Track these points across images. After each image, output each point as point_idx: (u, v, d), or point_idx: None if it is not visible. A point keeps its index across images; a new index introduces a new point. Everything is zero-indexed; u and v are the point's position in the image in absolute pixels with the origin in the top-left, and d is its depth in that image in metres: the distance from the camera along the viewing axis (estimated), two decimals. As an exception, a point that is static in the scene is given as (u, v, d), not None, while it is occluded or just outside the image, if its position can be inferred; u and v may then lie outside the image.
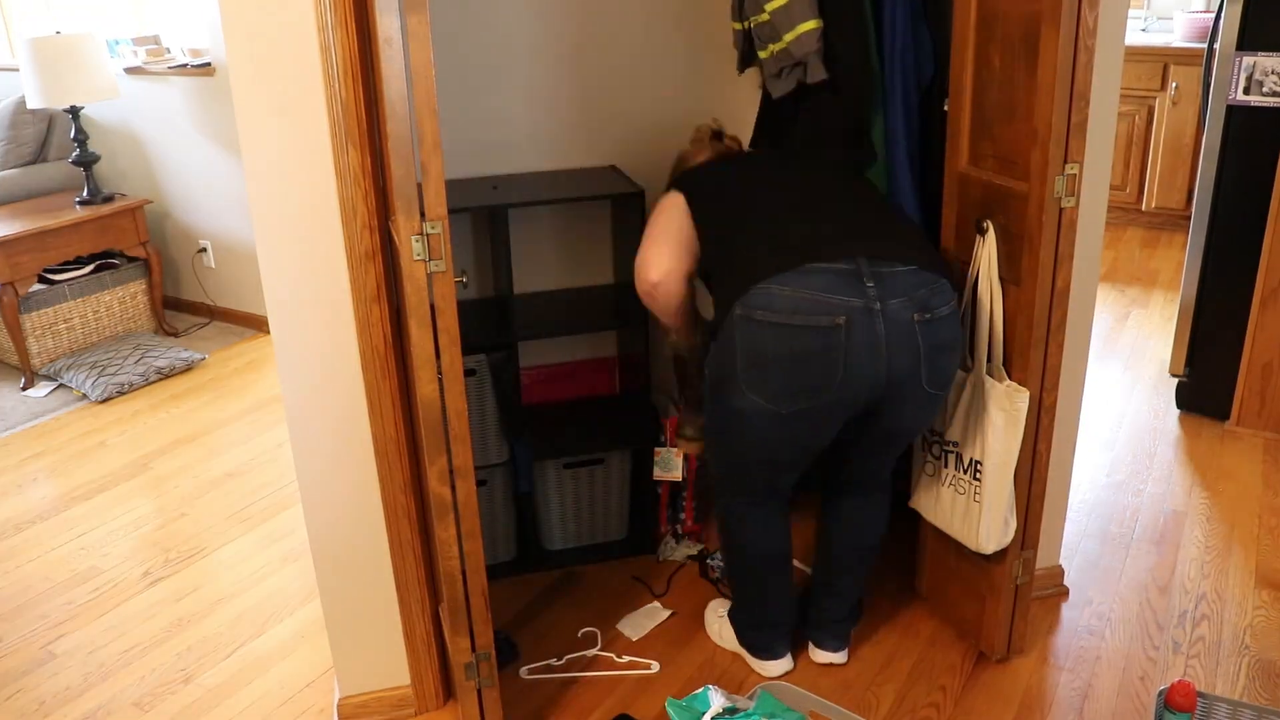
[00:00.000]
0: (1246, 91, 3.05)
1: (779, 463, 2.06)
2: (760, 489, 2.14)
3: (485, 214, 2.58)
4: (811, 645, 2.33)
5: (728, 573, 2.33)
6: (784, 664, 2.29)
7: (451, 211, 1.68)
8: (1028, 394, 2.02)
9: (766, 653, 2.29)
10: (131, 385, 4.04)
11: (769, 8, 2.35)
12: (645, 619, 2.48)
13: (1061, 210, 1.92)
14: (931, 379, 1.92)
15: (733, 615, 2.36)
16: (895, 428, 2.02)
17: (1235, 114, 3.09)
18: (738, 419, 1.98)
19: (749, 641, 2.32)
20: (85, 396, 3.99)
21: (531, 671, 2.33)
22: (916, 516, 2.37)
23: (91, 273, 4.38)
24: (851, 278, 1.84)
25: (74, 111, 4.29)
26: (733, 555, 2.25)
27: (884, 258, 1.87)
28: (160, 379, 4.14)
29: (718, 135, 2.39)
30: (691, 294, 2.21)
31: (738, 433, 2.02)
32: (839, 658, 2.31)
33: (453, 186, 2.43)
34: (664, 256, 2.12)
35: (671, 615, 2.50)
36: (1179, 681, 1.89)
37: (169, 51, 4.58)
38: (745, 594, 2.28)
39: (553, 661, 2.36)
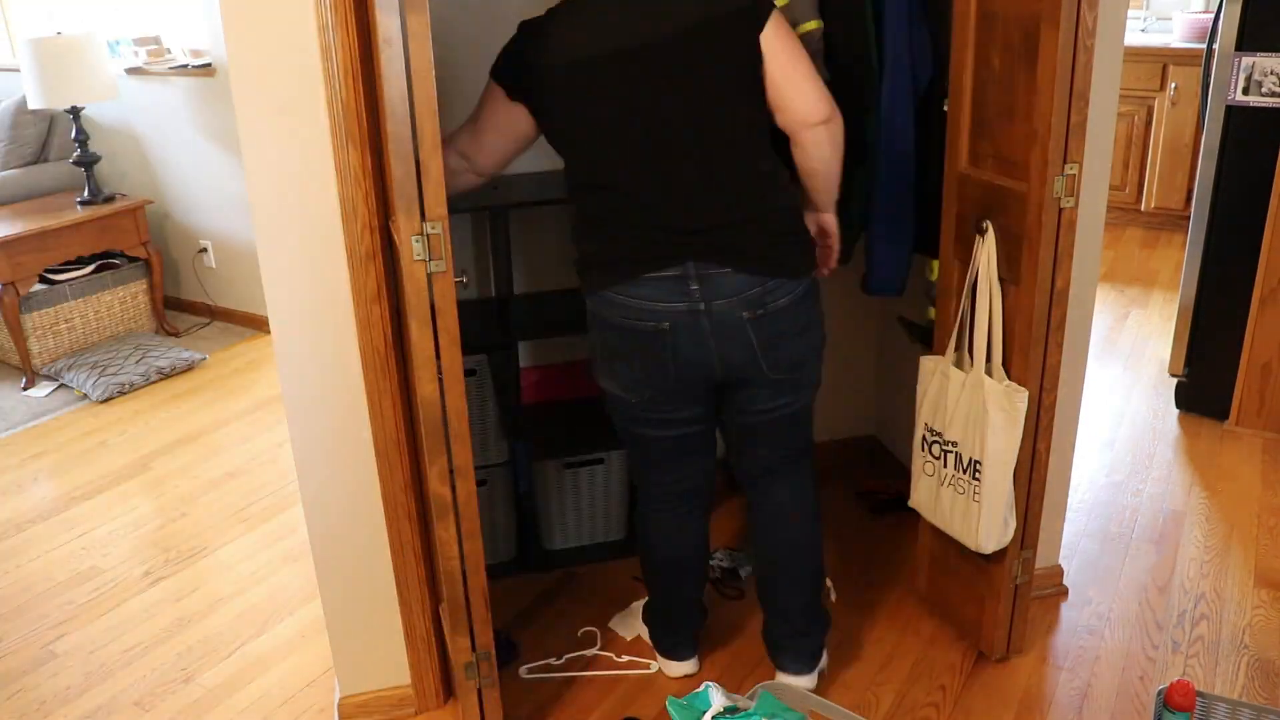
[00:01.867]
0: (1246, 92, 3.05)
1: (650, 458, 2.13)
2: (654, 491, 2.18)
3: (485, 214, 2.59)
4: (776, 669, 2.25)
5: (641, 572, 2.34)
6: (687, 666, 2.32)
7: (451, 211, 1.68)
8: (1027, 394, 2.02)
9: (670, 653, 2.32)
10: (132, 385, 4.04)
11: (769, 8, 2.35)
12: (635, 618, 2.48)
13: (1061, 210, 1.93)
14: (774, 366, 1.96)
15: (645, 612, 2.40)
16: (759, 412, 2.06)
17: (1234, 114, 3.09)
18: (610, 404, 2.09)
19: (656, 640, 2.35)
20: (86, 396, 3.99)
21: (531, 671, 2.34)
22: (916, 516, 2.37)
23: (92, 273, 4.38)
24: (679, 283, 1.88)
25: (75, 112, 4.29)
26: (641, 556, 2.28)
27: (713, 261, 1.87)
28: (161, 379, 4.14)
29: None
30: None
31: (618, 422, 2.12)
32: (806, 681, 2.19)
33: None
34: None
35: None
36: (1178, 681, 1.90)
37: (169, 52, 4.58)
38: (652, 594, 2.31)
39: (552, 661, 2.36)
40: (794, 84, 1.84)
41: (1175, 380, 3.47)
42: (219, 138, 4.39)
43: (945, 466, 2.19)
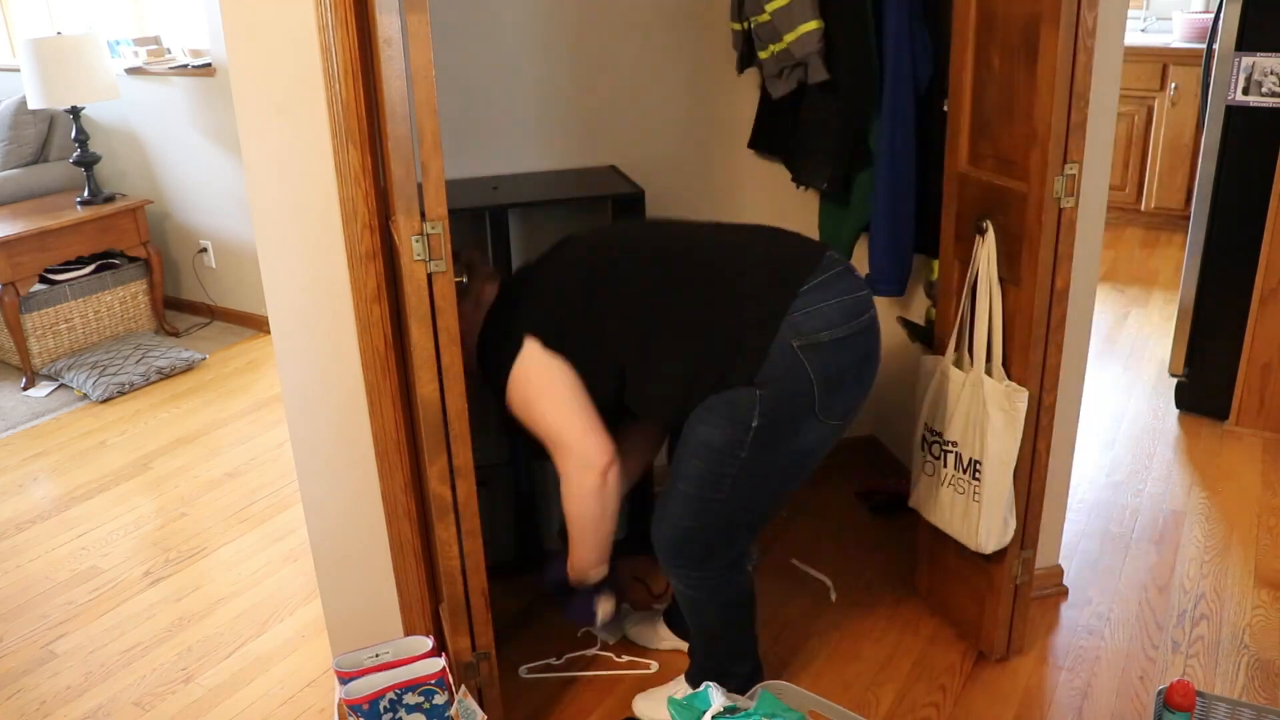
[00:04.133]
0: (1246, 92, 3.05)
1: (779, 499, 1.99)
2: (748, 540, 2.01)
3: (485, 214, 2.59)
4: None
5: (718, 639, 2.08)
6: None
7: (451, 211, 1.68)
8: (1027, 393, 2.02)
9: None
10: (132, 385, 4.04)
11: (770, 8, 2.35)
12: (621, 620, 2.47)
13: (1061, 210, 1.92)
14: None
15: (725, 679, 2.02)
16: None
17: (1234, 114, 3.09)
18: (799, 456, 1.87)
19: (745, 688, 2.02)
20: (86, 396, 3.99)
21: (531, 671, 2.34)
22: (916, 516, 2.37)
23: (92, 273, 4.38)
24: (851, 275, 1.87)
25: (75, 112, 4.29)
26: (730, 612, 2.05)
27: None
28: (161, 379, 4.14)
29: (469, 265, 2.02)
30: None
31: (780, 473, 1.89)
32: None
33: (453, 186, 2.43)
34: (596, 429, 1.87)
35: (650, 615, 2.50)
36: (1178, 681, 1.90)
37: (169, 52, 4.58)
38: (743, 643, 2.12)
39: (552, 661, 2.36)
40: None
41: (1175, 380, 3.47)
42: (219, 138, 4.39)
43: (945, 466, 2.19)
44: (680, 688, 2.16)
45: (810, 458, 1.92)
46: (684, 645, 2.33)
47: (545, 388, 1.86)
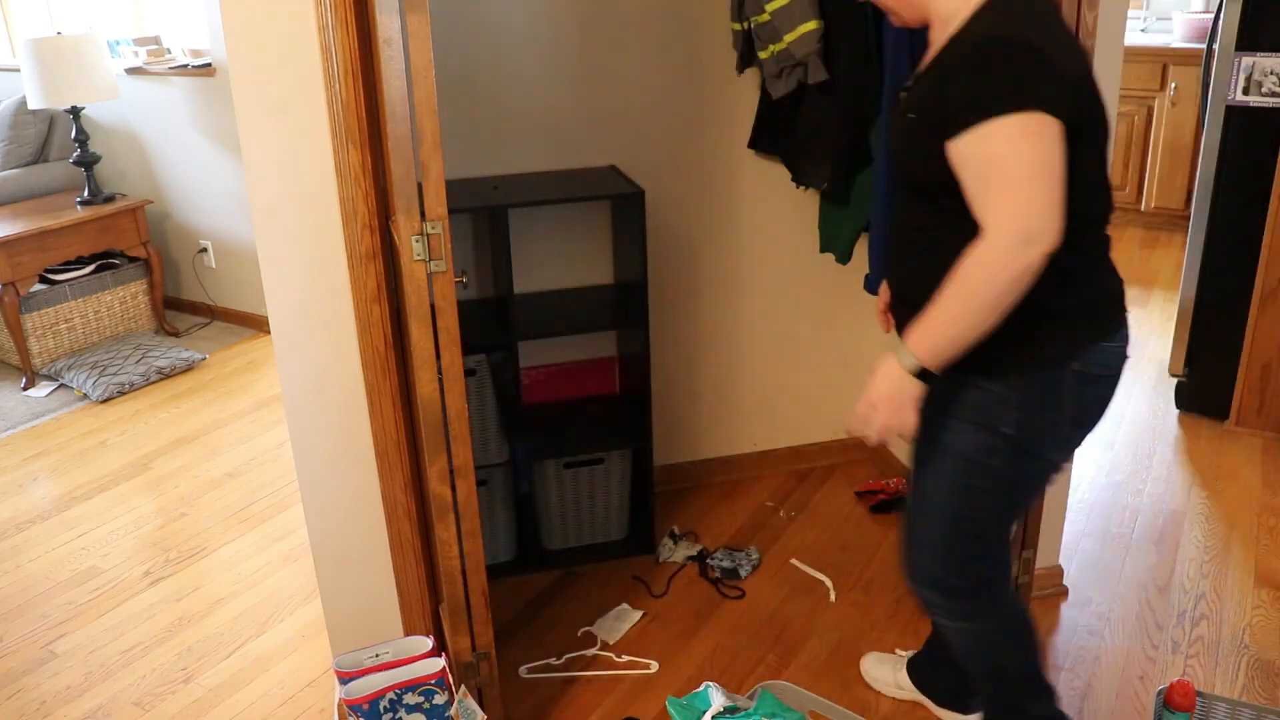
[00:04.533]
0: (1246, 92, 3.05)
1: (1010, 520, 1.84)
2: (1005, 557, 1.85)
3: (485, 214, 2.59)
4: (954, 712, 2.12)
5: (1011, 675, 1.89)
6: None
7: (451, 211, 1.68)
8: (1027, 394, 2.01)
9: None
10: (132, 385, 4.04)
11: (770, 8, 2.35)
12: (618, 621, 2.48)
13: (1061, 210, 1.92)
14: None
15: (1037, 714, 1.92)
16: None
17: (1234, 114, 3.09)
18: (1024, 480, 1.73)
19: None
20: (86, 396, 3.99)
21: (531, 671, 2.34)
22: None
23: (92, 273, 4.38)
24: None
25: (75, 112, 4.29)
26: (1019, 639, 1.86)
27: None
28: (161, 379, 4.14)
29: None
30: None
31: (1011, 494, 1.74)
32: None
33: (453, 186, 2.43)
34: (1057, 208, 1.43)
35: (643, 616, 2.50)
36: (1178, 681, 1.90)
37: (169, 52, 4.58)
38: (1041, 676, 1.92)
39: (552, 661, 2.36)
40: None
41: (1175, 380, 3.47)
42: (219, 138, 4.39)
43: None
44: None
45: (1030, 488, 1.83)
46: (922, 699, 2.17)
47: (1041, 149, 1.42)
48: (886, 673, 2.23)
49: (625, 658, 2.36)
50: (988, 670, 1.89)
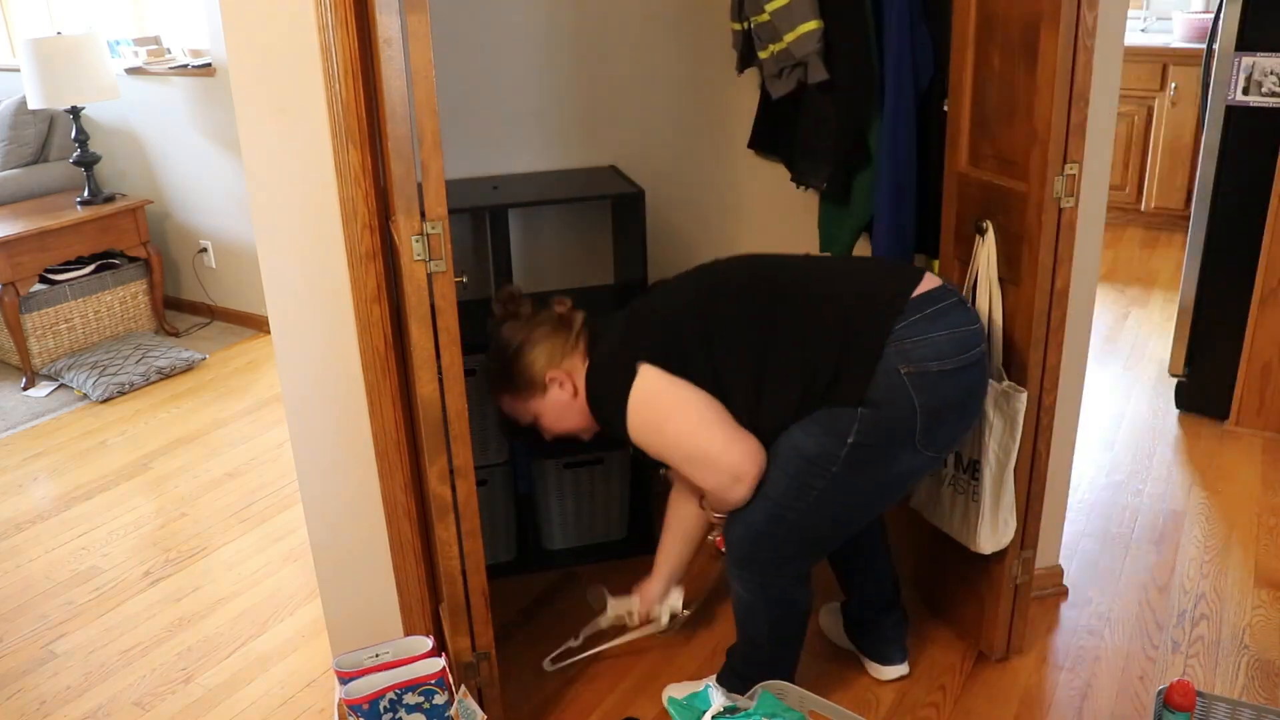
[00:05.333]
0: (1246, 92, 3.05)
1: (856, 525, 2.03)
2: (818, 552, 2.04)
3: (485, 214, 2.59)
4: (875, 663, 2.28)
5: (761, 650, 2.07)
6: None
7: (451, 211, 1.68)
8: (1026, 394, 2.02)
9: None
10: (132, 385, 4.04)
11: (769, 8, 2.35)
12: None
13: (1061, 210, 1.92)
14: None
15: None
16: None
17: (1234, 114, 3.09)
18: (889, 482, 1.88)
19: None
20: (86, 396, 3.99)
21: (554, 661, 2.34)
22: (916, 516, 2.37)
23: (92, 273, 4.38)
24: (964, 307, 1.85)
25: (75, 112, 4.29)
26: (782, 626, 2.04)
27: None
28: (161, 379, 4.14)
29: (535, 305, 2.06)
30: None
31: (866, 496, 1.90)
32: (904, 669, 2.27)
33: (453, 186, 2.43)
34: (740, 436, 1.81)
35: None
36: (1178, 681, 1.90)
37: (169, 52, 4.58)
38: (785, 660, 2.10)
39: (572, 643, 2.36)
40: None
41: (1175, 380, 3.47)
42: (219, 138, 4.39)
43: (945, 466, 2.19)
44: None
45: (899, 486, 1.93)
46: (851, 648, 2.34)
47: (675, 406, 1.79)
48: (832, 623, 2.39)
49: (636, 620, 2.33)
50: (745, 635, 2.09)
